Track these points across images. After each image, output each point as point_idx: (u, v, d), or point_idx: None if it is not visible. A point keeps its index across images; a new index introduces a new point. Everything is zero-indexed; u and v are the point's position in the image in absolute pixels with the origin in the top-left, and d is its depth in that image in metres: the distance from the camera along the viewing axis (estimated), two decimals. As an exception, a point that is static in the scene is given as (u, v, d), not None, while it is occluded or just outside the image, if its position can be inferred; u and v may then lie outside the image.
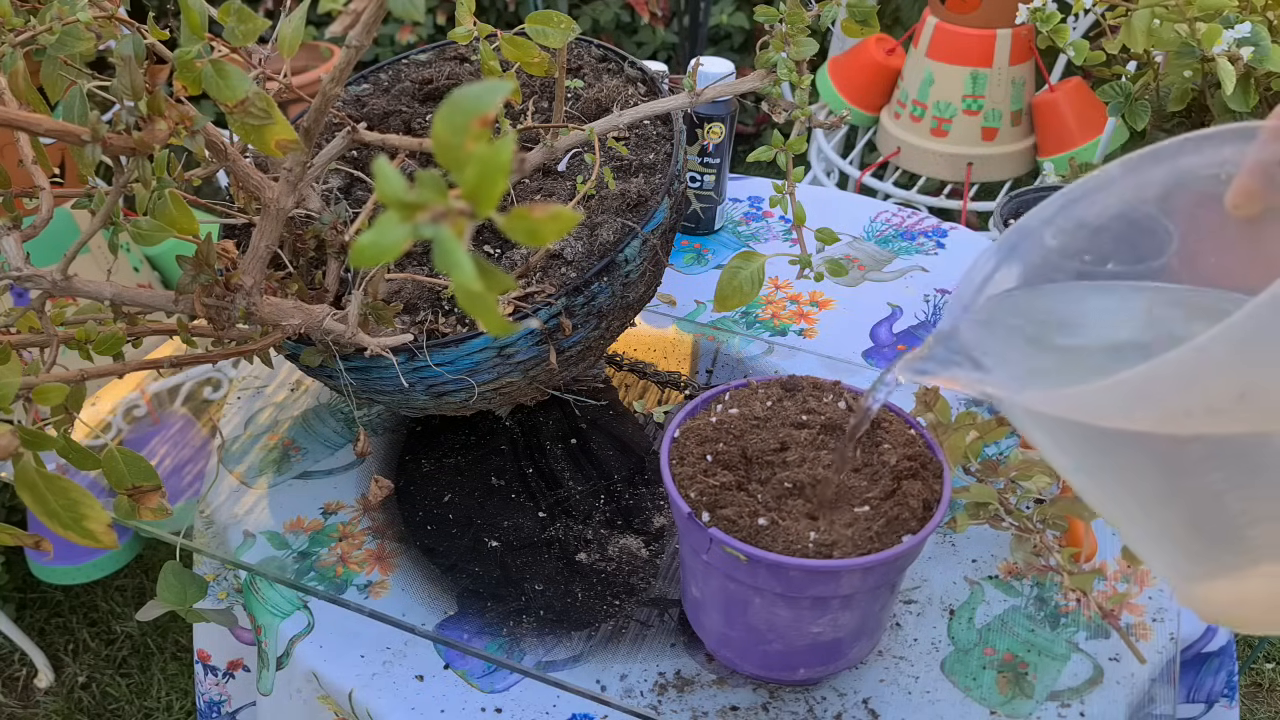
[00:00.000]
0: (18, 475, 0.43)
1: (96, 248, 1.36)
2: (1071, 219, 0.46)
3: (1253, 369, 0.33)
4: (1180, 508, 0.39)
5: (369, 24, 0.43)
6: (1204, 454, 0.37)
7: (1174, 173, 0.44)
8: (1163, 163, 0.44)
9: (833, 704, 0.57)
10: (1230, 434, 0.36)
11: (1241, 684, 1.37)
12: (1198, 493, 0.38)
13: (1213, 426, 0.35)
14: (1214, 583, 0.40)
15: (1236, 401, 0.33)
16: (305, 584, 0.65)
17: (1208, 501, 0.38)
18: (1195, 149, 0.43)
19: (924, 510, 0.52)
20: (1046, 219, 0.47)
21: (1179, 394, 0.34)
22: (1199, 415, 0.34)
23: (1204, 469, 0.37)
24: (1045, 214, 0.47)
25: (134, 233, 0.53)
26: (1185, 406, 0.34)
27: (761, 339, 0.87)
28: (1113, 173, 0.45)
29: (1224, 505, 0.38)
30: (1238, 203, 0.41)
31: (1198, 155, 0.43)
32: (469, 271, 0.21)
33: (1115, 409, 0.36)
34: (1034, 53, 1.61)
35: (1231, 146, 0.42)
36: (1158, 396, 0.34)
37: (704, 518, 0.51)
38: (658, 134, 0.76)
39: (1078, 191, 0.46)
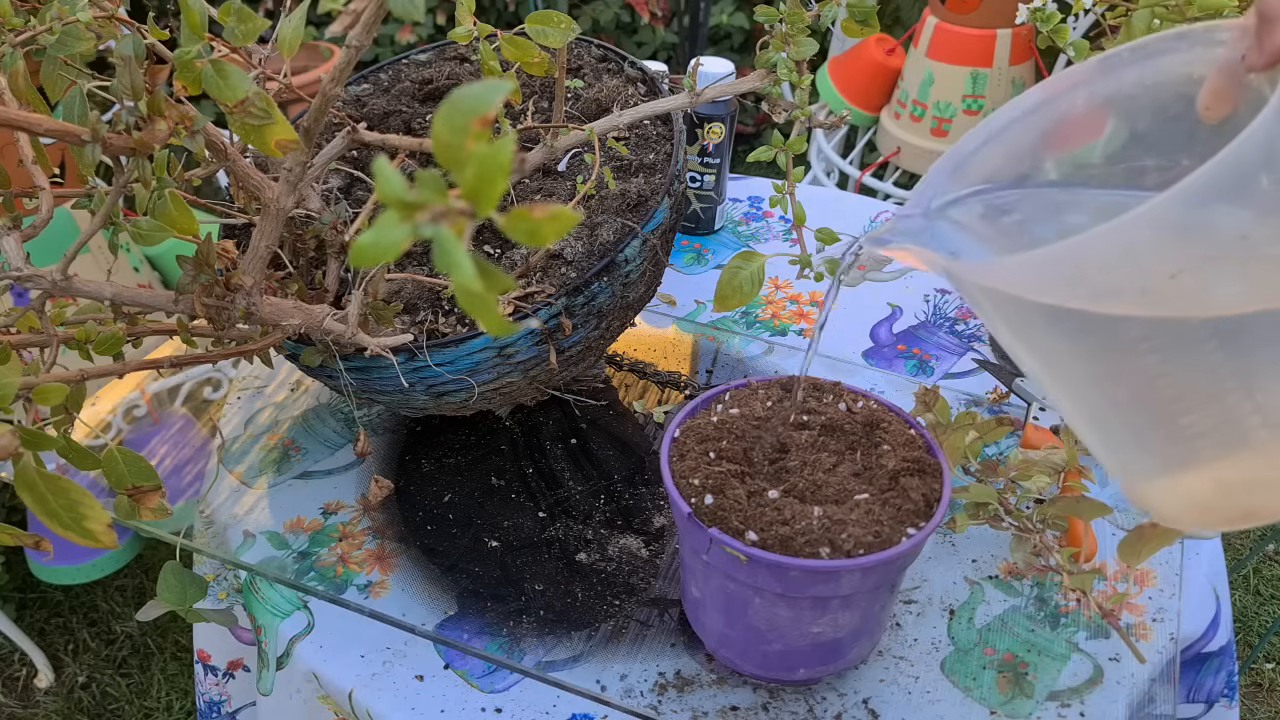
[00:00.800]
0: (18, 475, 0.43)
1: (96, 248, 1.36)
2: (1049, 115, 0.46)
3: (1181, 251, 0.33)
4: (1120, 392, 0.40)
5: (369, 24, 0.43)
6: (1139, 334, 0.37)
7: (1147, 72, 0.43)
8: (1136, 62, 0.44)
9: (833, 704, 0.57)
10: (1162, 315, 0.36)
11: (1241, 684, 1.37)
12: (1135, 376, 0.38)
13: (1144, 307, 0.35)
14: (1162, 480, 0.41)
15: (1168, 282, 0.34)
16: (305, 584, 0.65)
17: (1144, 386, 0.38)
18: (1167, 49, 0.42)
19: (924, 505, 0.52)
20: (1025, 112, 0.47)
21: (1109, 271, 0.34)
22: (1130, 295, 0.35)
23: (1139, 350, 0.37)
24: (1024, 107, 0.47)
25: (134, 233, 0.53)
26: (1116, 284, 0.35)
27: (761, 339, 0.87)
28: (1087, 72, 0.45)
29: (1159, 390, 0.38)
30: (1208, 103, 0.41)
31: (1170, 55, 0.43)
32: (469, 271, 0.21)
33: (1051, 284, 0.37)
34: (1034, 53, 1.61)
35: (1202, 46, 0.42)
36: (1089, 272, 0.35)
37: (708, 501, 0.51)
38: (658, 134, 0.76)
39: (1054, 89, 0.46)
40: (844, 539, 0.49)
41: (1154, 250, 0.34)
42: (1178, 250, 0.34)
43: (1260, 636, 1.41)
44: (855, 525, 0.50)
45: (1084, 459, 0.64)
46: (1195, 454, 0.39)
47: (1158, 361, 0.37)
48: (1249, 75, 0.39)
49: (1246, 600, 1.47)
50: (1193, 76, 0.42)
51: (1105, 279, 0.35)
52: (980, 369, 0.84)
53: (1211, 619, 0.67)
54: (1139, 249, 0.34)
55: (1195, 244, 0.34)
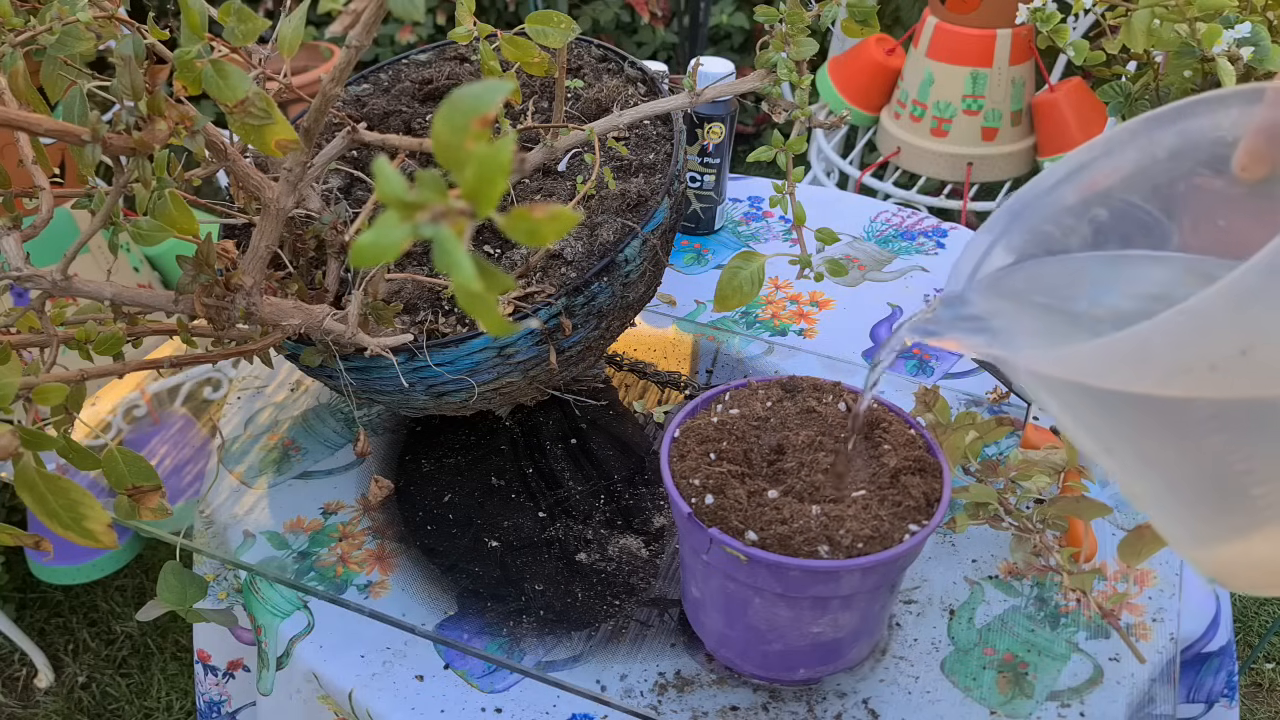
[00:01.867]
0: (18, 475, 0.43)
1: (96, 248, 1.36)
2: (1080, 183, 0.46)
3: (1253, 325, 0.33)
4: (1187, 469, 0.39)
5: (369, 24, 0.43)
6: (1208, 414, 0.36)
7: (1180, 135, 0.43)
8: (1169, 125, 0.43)
9: (833, 704, 0.57)
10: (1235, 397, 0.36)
11: (1241, 684, 1.37)
12: (1203, 453, 0.37)
13: (1215, 387, 0.35)
14: (1223, 546, 0.40)
15: (1238, 359, 0.33)
16: (305, 584, 0.65)
17: (1213, 462, 0.37)
18: (1201, 111, 0.42)
19: (924, 502, 0.52)
20: (1052, 185, 0.46)
21: (1179, 351, 0.34)
22: (1200, 374, 0.34)
23: (1208, 429, 0.36)
24: (1051, 179, 0.46)
25: (134, 233, 0.53)
26: (1186, 364, 0.34)
27: (761, 339, 0.87)
28: (1119, 137, 0.44)
29: (1229, 465, 0.37)
30: (1245, 164, 0.41)
31: (1204, 117, 0.42)
32: (469, 271, 0.21)
33: (1116, 369, 0.36)
34: (1034, 53, 1.61)
35: (1237, 108, 0.41)
36: (1157, 355, 0.34)
37: (708, 501, 0.51)
38: (658, 134, 0.76)
39: (1085, 156, 0.45)
40: (842, 534, 0.49)
41: (1224, 327, 0.33)
42: (1248, 326, 0.33)
43: (1260, 636, 1.41)
44: (853, 520, 0.50)
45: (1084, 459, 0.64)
46: (1264, 522, 0.38)
47: (1228, 438, 0.36)
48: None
49: (1246, 600, 1.47)
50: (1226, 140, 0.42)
51: (1175, 360, 0.34)
52: (980, 369, 0.84)
53: (1211, 619, 0.67)
54: (1209, 327, 0.33)
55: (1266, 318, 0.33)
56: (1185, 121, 0.43)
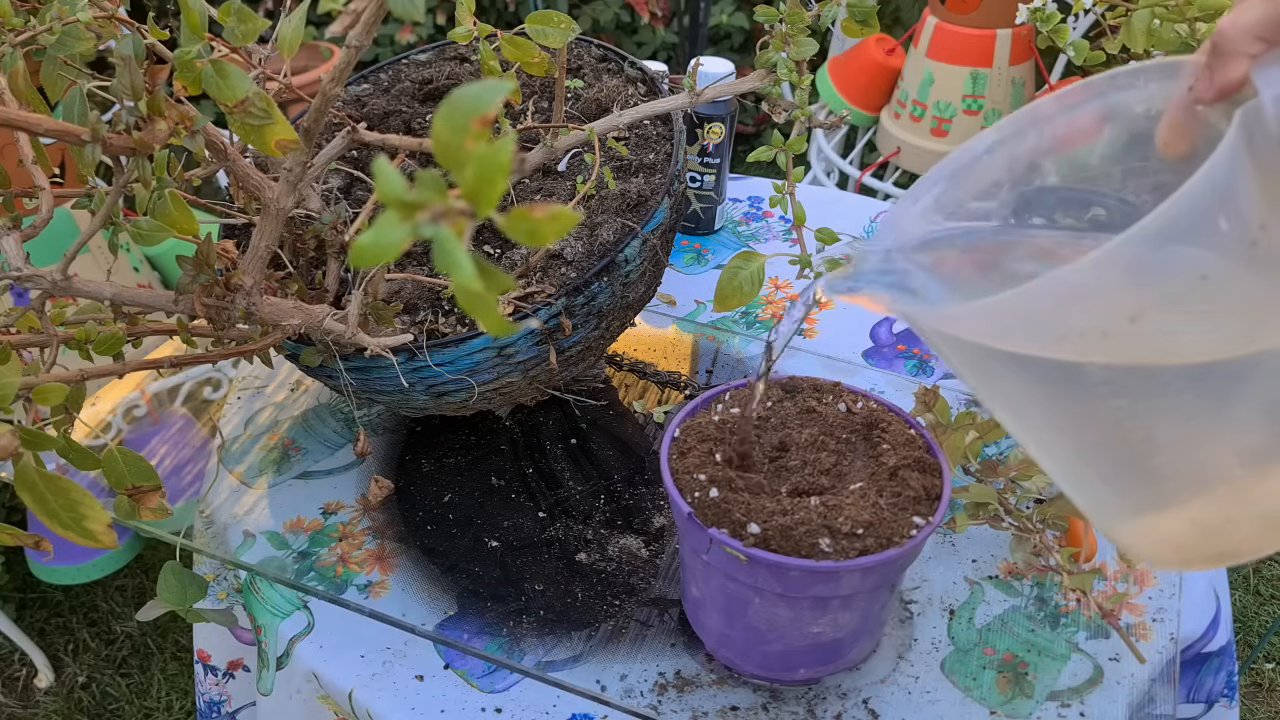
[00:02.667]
0: (18, 475, 0.43)
1: (96, 248, 1.36)
2: (1007, 154, 0.46)
3: (1143, 291, 0.33)
4: (1090, 435, 0.39)
5: (369, 24, 0.43)
6: (1103, 378, 0.36)
7: (1106, 108, 0.43)
8: (1096, 98, 0.43)
9: (833, 704, 0.57)
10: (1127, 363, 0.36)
11: (1241, 684, 1.37)
12: (1102, 419, 0.37)
13: (1106, 352, 0.35)
14: (1136, 520, 0.40)
15: (1129, 325, 0.33)
16: (305, 584, 0.65)
17: (1112, 429, 0.38)
18: (1125, 84, 0.42)
19: (924, 494, 0.52)
20: (982, 151, 0.46)
21: (1070, 312, 0.34)
22: (1093, 338, 0.34)
23: (1104, 393, 0.36)
24: (982, 146, 0.46)
25: (134, 233, 0.53)
26: (1077, 327, 0.34)
27: (761, 339, 0.87)
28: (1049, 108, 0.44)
29: (1127, 433, 0.37)
30: (1166, 140, 0.41)
31: (1128, 91, 0.42)
32: (469, 271, 0.21)
33: (1010, 329, 0.36)
34: (1034, 53, 1.61)
35: (1158, 82, 0.41)
36: (1049, 315, 0.34)
37: (712, 494, 0.51)
38: (658, 134, 0.76)
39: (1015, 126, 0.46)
40: (841, 522, 0.49)
41: (1112, 292, 0.33)
42: (1136, 292, 0.33)
43: (1260, 636, 1.41)
44: (852, 508, 0.50)
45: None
46: (1168, 495, 0.38)
47: (1124, 405, 0.36)
48: (1203, 109, 0.39)
49: (1246, 600, 1.47)
50: (1150, 113, 0.41)
51: (1065, 323, 0.34)
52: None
53: (1211, 619, 0.67)
54: (1097, 291, 0.33)
55: (1154, 286, 0.33)
56: (1111, 95, 0.43)
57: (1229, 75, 0.37)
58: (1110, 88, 0.42)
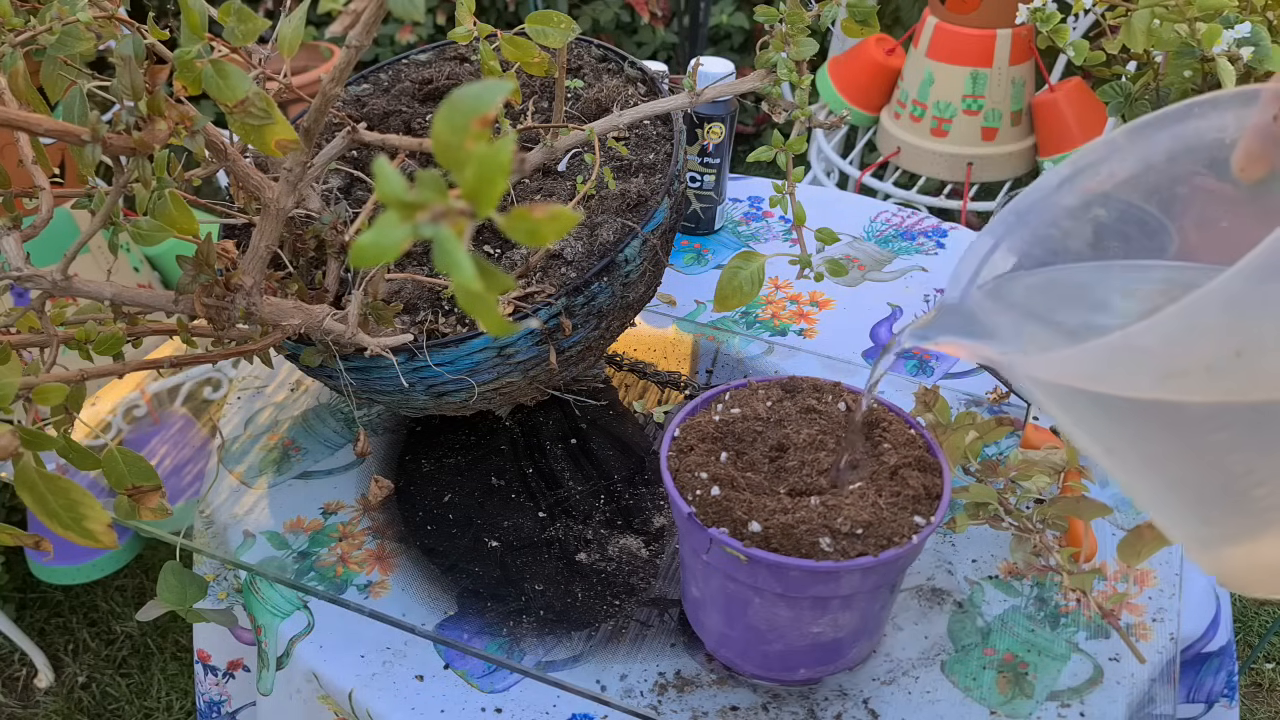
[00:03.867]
0: (18, 475, 0.43)
1: (96, 248, 1.36)
2: (1080, 187, 0.46)
3: (1247, 327, 0.33)
4: (1187, 470, 0.39)
5: (369, 24, 0.43)
6: (1205, 414, 0.36)
7: (1178, 137, 0.43)
8: (1167, 128, 0.43)
9: (833, 704, 0.57)
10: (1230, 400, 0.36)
11: (1241, 684, 1.37)
12: (1203, 455, 0.37)
13: (1211, 390, 0.35)
14: (1229, 548, 0.40)
15: (1233, 361, 0.33)
16: (305, 584, 0.65)
17: (1213, 463, 0.37)
18: (1198, 114, 0.42)
19: (924, 492, 0.52)
20: (1055, 187, 0.46)
21: (1173, 352, 0.34)
22: (1197, 375, 0.34)
23: (1206, 429, 0.36)
24: (1053, 182, 0.46)
25: (134, 233, 0.53)
26: (1180, 366, 0.34)
27: (761, 339, 0.87)
28: (1119, 140, 0.45)
29: (1229, 466, 0.37)
30: (1243, 165, 0.41)
31: (1201, 120, 0.42)
32: (469, 271, 0.21)
33: (1111, 371, 0.36)
34: (1034, 53, 1.61)
35: (1233, 110, 0.41)
36: (1151, 356, 0.34)
37: (714, 492, 0.51)
38: (658, 134, 0.76)
39: (1085, 159, 0.46)
40: (840, 522, 0.49)
41: (1217, 329, 0.33)
42: (1241, 326, 0.33)
43: (1260, 636, 1.41)
44: (851, 508, 0.50)
45: (1084, 459, 0.64)
46: (1268, 524, 0.38)
47: (1227, 439, 0.36)
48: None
49: (1246, 600, 1.47)
50: (1225, 141, 0.42)
51: (1168, 364, 0.34)
52: (980, 369, 0.84)
53: (1211, 619, 0.67)
54: (1202, 330, 0.33)
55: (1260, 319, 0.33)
56: (1183, 124, 0.43)
57: None
58: (1187, 116, 0.43)
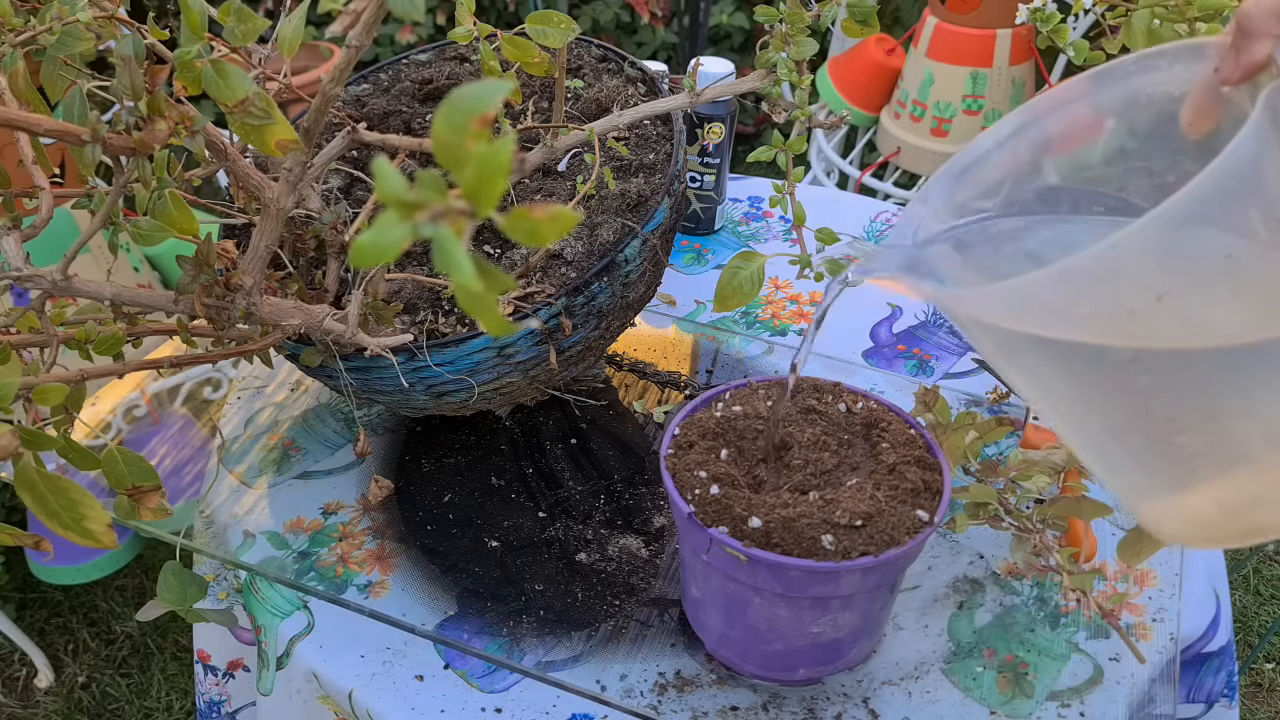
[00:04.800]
0: (18, 475, 0.43)
1: (96, 248, 1.36)
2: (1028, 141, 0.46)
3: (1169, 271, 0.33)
4: (1117, 412, 0.39)
5: (369, 24, 0.43)
6: (1129, 356, 0.37)
7: (1130, 90, 0.43)
8: (1119, 81, 0.44)
9: (833, 704, 0.57)
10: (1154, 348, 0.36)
11: (1241, 684, 1.37)
12: (1128, 397, 0.38)
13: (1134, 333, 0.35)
14: (1164, 499, 0.41)
15: (1154, 304, 0.34)
16: (305, 584, 0.65)
17: (1138, 407, 0.38)
18: (1149, 67, 0.42)
19: (922, 486, 0.52)
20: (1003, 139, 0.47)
21: (1095, 293, 0.34)
22: (1119, 319, 0.35)
23: (1130, 371, 0.37)
24: (1001, 133, 0.47)
25: (134, 233, 0.53)
26: (1103, 307, 0.34)
27: (761, 339, 0.87)
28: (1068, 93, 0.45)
29: (1153, 411, 0.38)
30: (1190, 120, 0.41)
31: (1152, 74, 0.43)
32: (469, 271, 0.21)
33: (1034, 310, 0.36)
34: (1034, 53, 1.61)
35: (1183, 64, 0.42)
36: (1074, 296, 0.35)
37: (713, 490, 0.51)
38: (658, 134, 0.76)
39: (1033, 113, 0.46)
40: (839, 515, 0.50)
41: (1137, 273, 0.33)
42: (1161, 272, 0.33)
43: (1260, 636, 1.41)
44: (850, 500, 0.50)
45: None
46: (1195, 473, 0.39)
47: (1150, 382, 0.37)
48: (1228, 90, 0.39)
49: (1246, 600, 1.47)
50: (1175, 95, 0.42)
51: (1090, 304, 0.35)
52: (980, 369, 0.84)
53: (1211, 619, 0.67)
54: (1121, 272, 0.33)
55: (1179, 265, 0.34)
56: (1135, 78, 0.43)
57: (1253, 56, 0.38)
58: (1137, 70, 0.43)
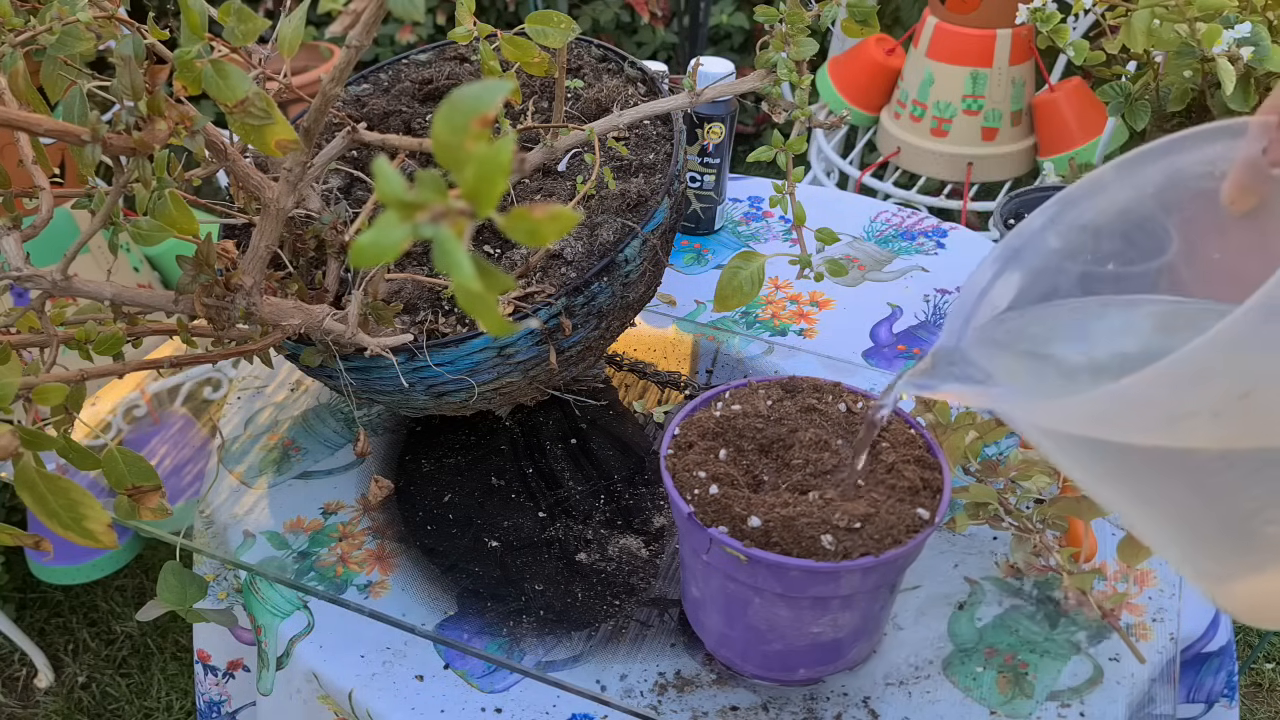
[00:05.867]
0: (18, 475, 0.43)
1: (96, 248, 1.36)
2: (1070, 222, 0.47)
3: (1252, 369, 0.33)
4: (1194, 509, 0.39)
5: (369, 24, 0.43)
6: (1213, 455, 0.36)
7: (1168, 171, 0.44)
8: (1156, 161, 0.44)
9: (833, 704, 0.57)
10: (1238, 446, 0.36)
11: (1241, 684, 1.37)
12: (1211, 494, 0.38)
13: (1219, 434, 0.35)
14: (1238, 583, 0.40)
15: (1239, 404, 0.33)
16: (305, 584, 0.65)
17: (1222, 501, 0.38)
18: (1186, 147, 0.43)
19: (921, 484, 0.52)
20: (1044, 224, 0.47)
21: (1179, 398, 0.34)
22: (1203, 420, 0.34)
23: (1214, 469, 0.36)
24: (1042, 219, 0.47)
25: (134, 233, 0.53)
26: (1187, 411, 0.34)
27: (761, 339, 0.87)
28: (1107, 175, 0.45)
29: (1238, 505, 0.37)
30: (1233, 197, 0.42)
31: (1189, 153, 0.43)
32: (469, 271, 0.21)
33: (1118, 418, 0.36)
34: (1034, 53, 1.61)
35: (1221, 143, 0.42)
36: (1157, 401, 0.34)
37: (712, 490, 0.51)
38: (658, 134, 0.76)
39: (1074, 194, 0.46)
40: (838, 518, 0.50)
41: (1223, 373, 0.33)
42: (1246, 369, 0.33)
43: (1260, 636, 1.41)
44: (849, 501, 0.50)
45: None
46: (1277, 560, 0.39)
47: (1236, 479, 0.36)
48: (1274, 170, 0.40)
49: (1246, 600, 1.47)
50: (1213, 174, 0.42)
51: (1174, 409, 0.34)
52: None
53: (1211, 619, 0.67)
54: (1207, 374, 0.33)
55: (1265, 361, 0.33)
56: (1172, 157, 0.43)
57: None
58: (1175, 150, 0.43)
